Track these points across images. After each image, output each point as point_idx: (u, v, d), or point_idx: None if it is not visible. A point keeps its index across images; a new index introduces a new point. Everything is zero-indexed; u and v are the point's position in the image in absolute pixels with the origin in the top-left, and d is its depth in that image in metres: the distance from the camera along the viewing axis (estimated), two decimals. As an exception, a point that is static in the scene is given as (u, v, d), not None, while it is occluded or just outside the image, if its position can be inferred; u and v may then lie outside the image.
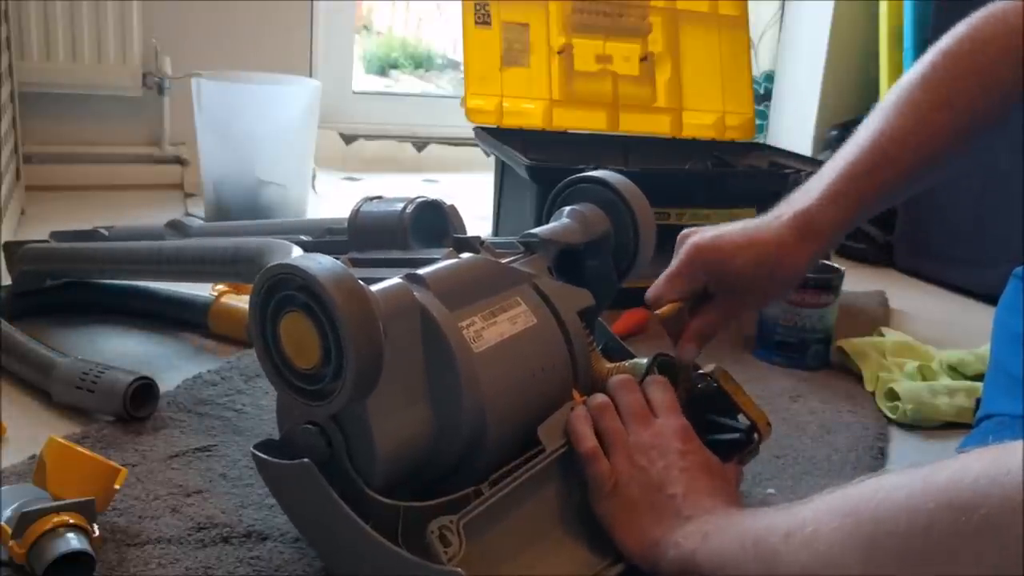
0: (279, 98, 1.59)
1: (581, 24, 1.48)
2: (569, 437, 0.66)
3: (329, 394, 0.55)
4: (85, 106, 1.72)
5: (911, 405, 0.98)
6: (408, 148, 2.15)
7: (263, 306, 0.57)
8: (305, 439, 0.60)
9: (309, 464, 0.58)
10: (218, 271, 0.91)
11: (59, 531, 0.60)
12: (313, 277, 0.53)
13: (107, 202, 1.65)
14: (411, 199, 0.80)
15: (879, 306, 1.41)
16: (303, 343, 0.55)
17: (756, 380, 1.06)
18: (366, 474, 0.59)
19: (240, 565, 0.65)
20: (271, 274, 0.56)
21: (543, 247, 0.76)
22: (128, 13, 1.64)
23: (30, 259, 1.08)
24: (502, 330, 0.65)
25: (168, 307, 1.12)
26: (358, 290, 0.54)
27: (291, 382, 0.58)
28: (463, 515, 0.56)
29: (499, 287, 0.68)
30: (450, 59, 2.68)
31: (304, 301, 0.54)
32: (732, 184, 1.37)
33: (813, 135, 2.17)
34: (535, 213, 1.27)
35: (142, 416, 0.85)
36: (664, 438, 0.65)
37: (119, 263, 1.00)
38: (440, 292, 0.63)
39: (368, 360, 0.54)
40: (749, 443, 0.74)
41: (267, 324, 0.57)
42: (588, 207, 0.81)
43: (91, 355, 0.95)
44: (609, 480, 0.63)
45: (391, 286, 0.62)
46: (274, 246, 0.78)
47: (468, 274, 0.67)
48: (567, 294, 0.73)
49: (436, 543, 0.54)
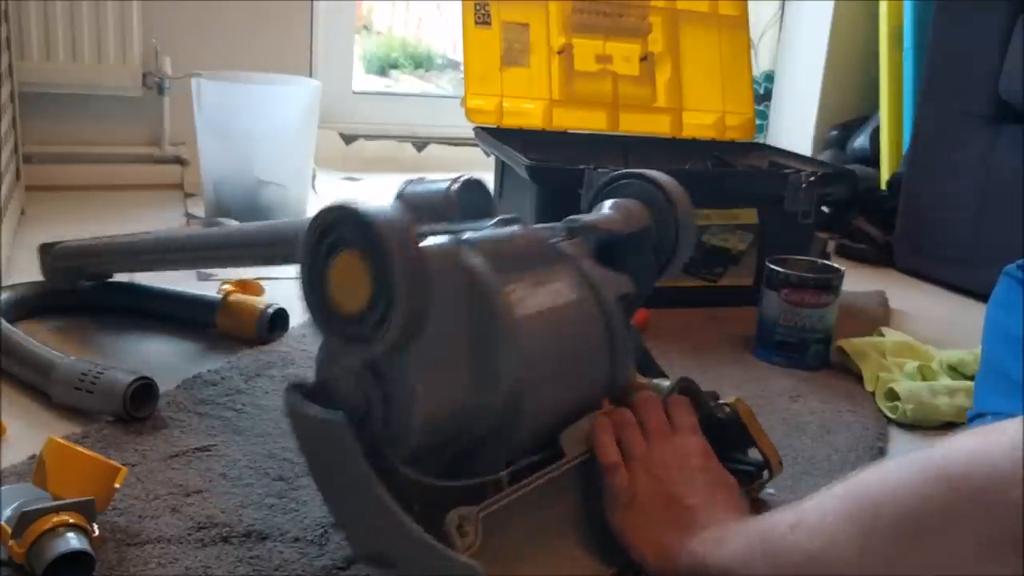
0: (279, 98, 1.59)
1: (581, 24, 1.48)
2: (592, 447, 0.66)
3: (373, 338, 0.55)
4: (85, 106, 1.72)
5: (911, 405, 0.98)
6: (408, 148, 2.15)
7: (316, 246, 0.57)
8: (344, 388, 0.59)
9: (343, 421, 0.57)
10: (258, 254, 0.93)
11: (59, 531, 0.60)
12: (371, 218, 0.53)
13: (107, 202, 1.65)
14: (455, 178, 0.80)
15: (879, 306, 1.41)
16: (353, 285, 0.55)
17: (756, 380, 1.06)
18: (402, 435, 0.58)
19: (240, 565, 0.65)
20: (329, 214, 0.56)
21: (585, 233, 0.76)
22: (128, 13, 1.64)
23: (63, 256, 1.08)
24: (544, 300, 0.65)
25: (176, 306, 1.12)
26: (412, 234, 0.54)
27: (336, 324, 0.57)
28: (483, 508, 0.56)
29: (545, 261, 0.69)
30: (450, 59, 2.68)
31: (358, 241, 0.54)
32: (732, 184, 1.37)
33: (813, 135, 2.17)
34: (535, 213, 1.27)
35: (142, 416, 0.85)
36: (684, 455, 0.66)
37: (158, 252, 1.01)
38: (488, 255, 0.63)
39: (415, 304, 0.54)
40: (758, 477, 0.75)
41: (317, 264, 0.57)
42: (632, 201, 0.81)
43: (94, 354, 0.96)
44: (628, 492, 0.64)
45: (441, 243, 0.62)
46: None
47: (515, 243, 0.68)
48: (608, 278, 0.73)
49: (455, 533, 0.54)
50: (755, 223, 1.32)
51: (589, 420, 0.67)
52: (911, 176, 1.64)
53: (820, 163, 1.52)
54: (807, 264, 1.16)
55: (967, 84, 1.52)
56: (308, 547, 0.67)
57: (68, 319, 1.09)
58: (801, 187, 1.33)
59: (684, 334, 1.22)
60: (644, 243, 0.80)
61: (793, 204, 1.34)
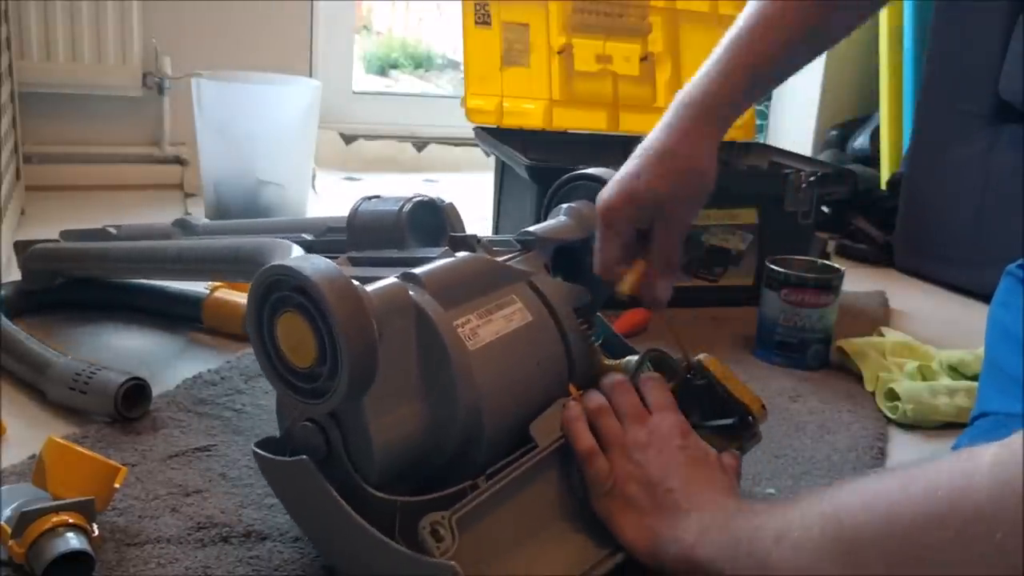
0: (279, 98, 1.59)
1: (581, 24, 1.48)
2: (566, 436, 0.66)
3: (326, 392, 0.56)
4: (85, 106, 1.72)
5: (911, 405, 0.98)
6: (408, 148, 2.15)
7: (260, 306, 0.58)
8: (304, 436, 0.61)
9: (307, 461, 0.59)
10: (220, 270, 0.92)
11: (58, 531, 0.60)
12: (307, 278, 0.54)
13: (107, 202, 1.65)
14: (408, 198, 0.81)
15: (879, 306, 1.41)
16: (299, 343, 0.56)
17: (756, 380, 1.06)
18: (364, 470, 0.59)
19: (239, 565, 0.65)
20: (267, 275, 0.57)
21: (540, 245, 0.77)
22: (128, 13, 1.64)
23: (37, 258, 1.09)
24: (497, 328, 0.66)
25: (163, 302, 1.12)
26: (351, 290, 0.55)
27: (289, 381, 0.58)
28: (455, 511, 0.57)
29: (495, 285, 0.69)
30: (450, 59, 2.68)
31: (299, 302, 0.55)
32: (732, 184, 1.37)
33: (813, 135, 2.17)
34: (535, 213, 1.27)
35: (134, 417, 0.85)
36: (660, 435, 0.65)
37: (124, 262, 1.01)
38: (435, 291, 0.64)
39: (362, 359, 0.54)
40: (744, 427, 0.74)
41: (264, 324, 0.58)
42: (584, 204, 0.82)
43: (90, 353, 0.96)
44: (608, 478, 0.64)
45: (386, 285, 0.62)
46: (274, 246, 0.78)
47: (463, 272, 0.68)
48: (563, 291, 0.73)
49: (428, 538, 0.54)
50: (755, 223, 1.32)
51: (558, 407, 0.68)
52: (911, 176, 1.64)
53: (820, 163, 1.52)
54: (807, 264, 1.16)
55: (967, 84, 1.52)
56: (308, 547, 0.67)
57: (50, 316, 1.09)
58: (801, 187, 1.33)
59: (684, 334, 1.21)
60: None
61: (793, 204, 1.34)
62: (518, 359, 0.67)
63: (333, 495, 0.57)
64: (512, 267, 0.72)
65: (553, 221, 0.81)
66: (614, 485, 0.64)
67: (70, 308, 1.11)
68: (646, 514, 0.62)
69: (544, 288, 0.71)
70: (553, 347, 0.70)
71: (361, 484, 0.59)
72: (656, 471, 0.63)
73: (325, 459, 0.60)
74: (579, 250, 0.79)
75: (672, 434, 0.65)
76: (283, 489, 0.66)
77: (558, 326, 0.70)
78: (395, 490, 0.60)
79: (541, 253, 0.76)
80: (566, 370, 0.71)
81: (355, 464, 0.59)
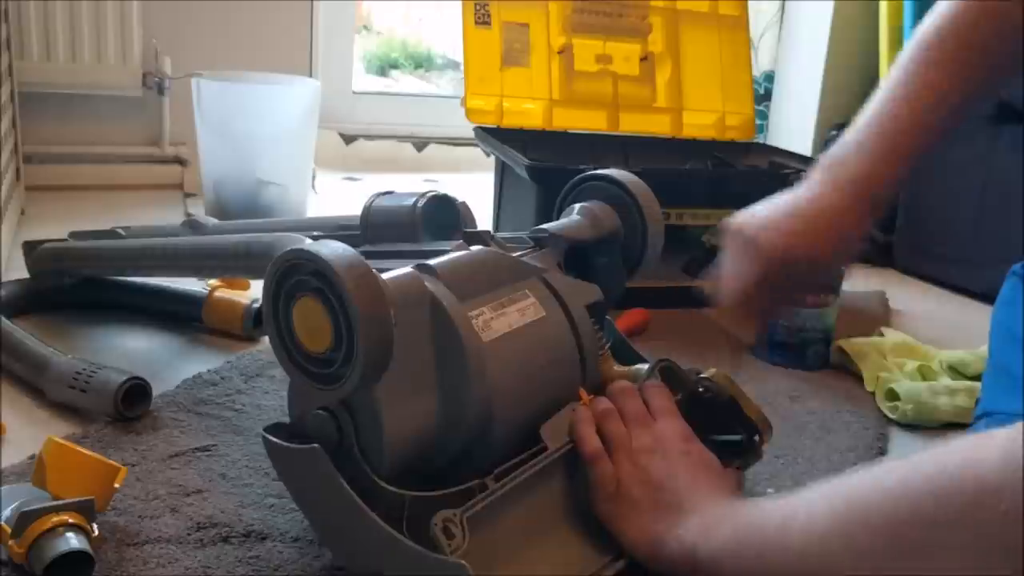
0: (279, 98, 1.59)
1: (581, 24, 1.47)
2: (573, 439, 0.66)
3: (340, 378, 0.56)
4: (85, 106, 1.72)
5: (911, 405, 0.98)
6: (408, 148, 2.15)
7: (276, 290, 0.58)
8: (316, 424, 0.60)
9: (319, 449, 0.58)
10: (232, 266, 0.92)
11: (58, 531, 0.60)
12: (325, 261, 0.54)
13: (107, 202, 1.65)
14: (423, 193, 0.81)
15: (879, 306, 1.41)
16: (315, 328, 0.56)
17: (756, 380, 1.06)
18: (375, 461, 0.59)
19: (239, 565, 0.65)
20: (285, 259, 0.56)
21: (553, 242, 0.77)
22: (128, 13, 1.64)
23: (45, 259, 1.09)
24: (511, 321, 0.66)
25: (162, 302, 1.12)
26: (369, 275, 0.55)
27: (303, 366, 0.58)
28: (467, 508, 0.56)
29: (509, 279, 0.69)
30: (450, 59, 2.68)
31: (316, 286, 0.55)
32: (732, 184, 1.37)
33: (813, 135, 2.17)
34: (535, 213, 1.27)
35: (133, 416, 0.85)
36: (665, 440, 0.66)
37: (134, 260, 1.01)
38: (450, 282, 0.64)
39: (378, 345, 0.54)
40: (750, 445, 0.74)
41: (280, 309, 0.58)
42: (598, 204, 0.82)
43: (92, 352, 0.96)
44: (612, 481, 0.64)
45: (402, 275, 0.62)
46: (286, 240, 0.78)
47: (478, 265, 0.68)
48: (576, 288, 0.73)
49: (440, 535, 0.54)
50: (755, 223, 1.32)
51: (568, 411, 0.68)
52: (911, 176, 1.64)
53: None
54: (807, 264, 1.15)
55: (967, 84, 1.52)
56: (308, 547, 0.67)
57: (53, 315, 1.09)
58: (801, 187, 1.32)
59: (684, 334, 1.22)
60: (613, 246, 0.81)
61: (793, 204, 1.33)
62: (531, 352, 0.67)
63: (343, 485, 0.57)
64: (526, 263, 0.72)
65: (566, 220, 0.81)
66: (617, 488, 0.64)
67: (70, 308, 1.11)
68: (648, 515, 0.62)
69: (557, 284, 0.72)
70: (565, 343, 0.70)
71: (371, 476, 0.58)
72: (659, 474, 0.63)
73: (336, 450, 0.60)
74: (592, 250, 0.79)
75: (675, 439, 0.66)
76: (291, 478, 0.65)
77: (570, 322, 0.71)
78: (403, 483, 0.59)
79: (554, 251, 0.76)
80: (578, 365, 0.71)
81: (366, 455, 0.59)
